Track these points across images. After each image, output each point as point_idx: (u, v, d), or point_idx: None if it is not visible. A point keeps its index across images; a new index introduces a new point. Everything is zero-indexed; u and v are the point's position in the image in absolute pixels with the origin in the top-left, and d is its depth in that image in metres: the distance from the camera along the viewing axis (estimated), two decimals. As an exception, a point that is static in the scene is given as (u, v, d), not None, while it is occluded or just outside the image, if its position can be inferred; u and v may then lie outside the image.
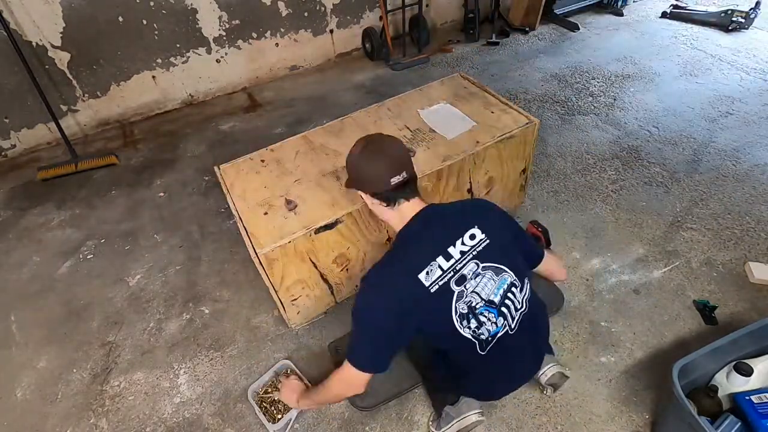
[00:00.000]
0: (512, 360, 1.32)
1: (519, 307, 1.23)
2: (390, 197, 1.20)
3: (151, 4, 2.75)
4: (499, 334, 1.21)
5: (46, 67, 2.68)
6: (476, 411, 1.39)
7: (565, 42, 3.61)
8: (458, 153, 1.71)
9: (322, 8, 3.31)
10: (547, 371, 1.45)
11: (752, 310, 1.76)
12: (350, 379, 1.22)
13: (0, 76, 2.59)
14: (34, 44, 2.58)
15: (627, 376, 1.60)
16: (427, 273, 1.11)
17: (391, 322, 1.13)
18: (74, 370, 1.77)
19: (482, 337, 1.18)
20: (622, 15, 3.91)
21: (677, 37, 3.55)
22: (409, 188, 1.20)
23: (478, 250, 1.17)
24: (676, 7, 3.87)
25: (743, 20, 3.46)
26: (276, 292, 1.60)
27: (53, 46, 2.64)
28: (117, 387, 1.70)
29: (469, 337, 1.17)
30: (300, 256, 1.54)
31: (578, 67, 3.27)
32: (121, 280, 2.08)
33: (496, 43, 3.62)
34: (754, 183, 2.28)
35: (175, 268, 2.11)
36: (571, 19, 3.80)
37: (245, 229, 1.53)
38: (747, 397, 1.33)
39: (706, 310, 1.75)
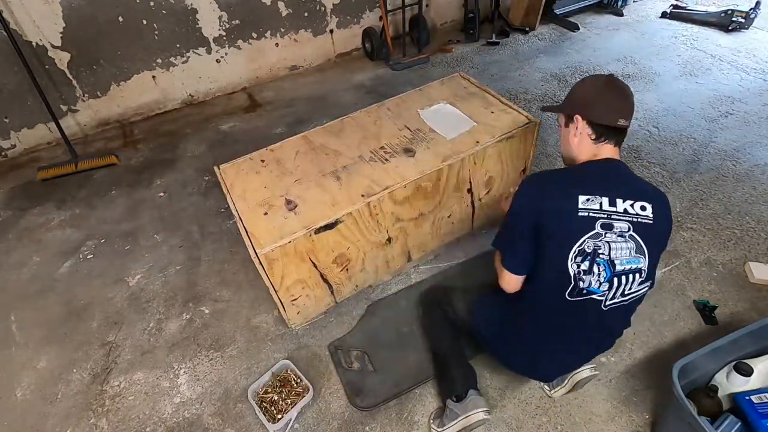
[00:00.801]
0: (580, 335, 1.27)
1: (628, 292, 1.18)
2: (604, 134, 1.23)
3: (151, 4, 2.75)
4: (593, 296, 1.17)
5: (46, 67, 2.68)
6: (483, 409, 1.37)
7: (565, 42, 3.61)
8: (458, 153, 1.71)
9: (322, 8, 3.31)
10: (585, 370, 1.44)
11: (752, 310, 1.76)
12: (498, 266, 1.29)
13: (0, 76, 2.59)
14: (34, 44, 2.58)
15: (627, 376, 1.60)
16: (588, 200, 1.14)
17: (529, 208, 1.18)
18: (74, 370, 1.77)
19: (581, 284, 1.15)
20: (622, 15, 3.91)
21: (677, 37, 3.55)
22: (622, 137, 1.25)
23: (639, 220, 1.15)
24: (676, 7, 3.87)
25: (743, 20, 3.47)
26: (276, 292, 1.60)
27: (53, 46, 2.64)
28: (117, 387, 1.70)
29: (571, 274, 1.14)
30: (300, 256, 1.54)
31: (578, 67, 3.27)
32: (121, 280, 2.08)
33: (496, 43, 3.62)
34: (754, 183, 2.28)
35: (175, 268, 2.11)
36: (571, 19, 3.80)
37: (245, 229, 1.53)
38: (747, 397, 1.33)
39: (706, 310, 1.75)
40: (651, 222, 1.16)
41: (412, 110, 1.96)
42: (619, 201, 1.15)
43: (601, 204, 1.14)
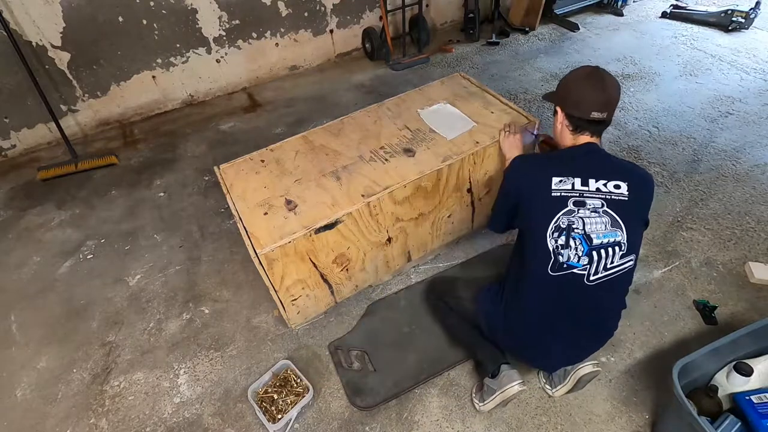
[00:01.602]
0: (574, 315, 1.28)
1: (610, 266, 1.21)
2: (579, 126, 1.31)
3: (151, 4, 2.75)
4: (574, 270, 1.21)
5: (46, 67, 2.68)
6: (517, 382, 1.40)
7: (565, 42, 3.61)
8: (458, 153, 1.71)
9: (322, 8, 3.31)
10: (587, 366, 1.43)
11: (752, 310, 1.76)
12: None
13: (0, 76, 2.59)
14: (34, 44, 2.58)
15: (627, 376, 1.60)
16: (561, 181, 1.24)
17: (512, 189, 1.35)
18: (74, 370, 1.77)
19: (560, 258, 1.21)
20: (622, 15, 3.91)
21: (677, 37, 3.55)
22: (599, 127, 1.32)
23: (612, 197, 1.22)
24: (676, 7, 3.87)
25: (743, 20, 3.47)
26: (276, 292, 1.60)
27: (53, 46, 2.64)
28: (117, 387, 1.70)
29: (550, 249, 1.21)
30: (300, 256, 1.54)
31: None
32: (121, 280, 2.08)
33: (496, 43, 3.62)
34: (754, 183, 2.28)
35: (175, 268, 2.11)
36: (571, 19, 3.80)
37: (245, 229, 1.53)
38: (747, 397, 1.33)
39: (706, 310, 1.75)
40: (626, 199, 1.22)
41: (412, 110, 1.96)
42: (591, 181, 1.24)
43: (573, 184, 1.23)
